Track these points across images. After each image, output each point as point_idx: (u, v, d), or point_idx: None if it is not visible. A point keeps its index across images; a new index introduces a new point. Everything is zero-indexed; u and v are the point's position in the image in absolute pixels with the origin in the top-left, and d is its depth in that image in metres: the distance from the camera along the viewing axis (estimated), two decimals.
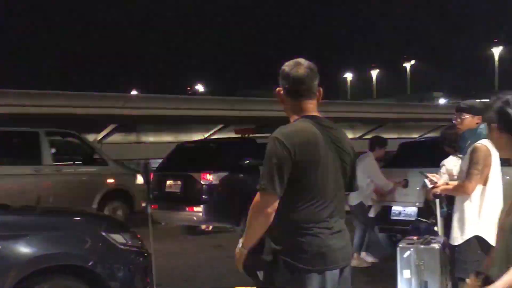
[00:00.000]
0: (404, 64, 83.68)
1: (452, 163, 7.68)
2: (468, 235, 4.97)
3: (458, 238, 5.08)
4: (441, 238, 5.66)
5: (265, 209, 3.07)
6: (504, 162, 7.47)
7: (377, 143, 9.45)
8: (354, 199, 8.88)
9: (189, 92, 77.92)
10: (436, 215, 6.05)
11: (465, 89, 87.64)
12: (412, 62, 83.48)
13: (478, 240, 4.93)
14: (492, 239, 4.93)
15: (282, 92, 3.33)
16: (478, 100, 5.98)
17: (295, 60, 3.34)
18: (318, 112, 3.32)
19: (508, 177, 9.30)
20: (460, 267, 5.12)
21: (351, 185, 3.37)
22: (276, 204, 3.08)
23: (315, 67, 3.33)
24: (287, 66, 3.32)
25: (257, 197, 3.12)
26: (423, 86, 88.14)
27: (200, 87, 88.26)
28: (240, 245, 3.29)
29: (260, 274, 3.27)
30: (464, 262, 5.03)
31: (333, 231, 3.16)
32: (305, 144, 3.11)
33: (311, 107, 3.29)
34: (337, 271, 3.16)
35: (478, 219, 4.95)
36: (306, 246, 3.08)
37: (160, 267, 6.91)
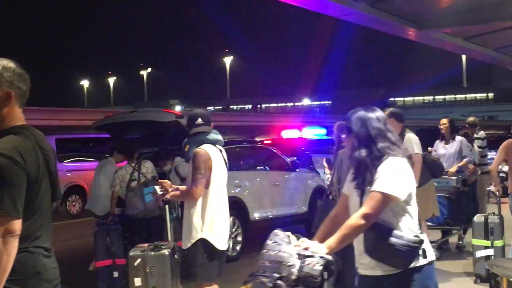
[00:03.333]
0: (141, 72, 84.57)
1: (125, 171, 7.76)
2: (194, 238, 5.10)
3: (186, 242, 5.19)
4: (171, 244, 5.74)
5: (13, 236, 2.70)
6: (234, 166, 7.81)
7: (117, 147, 8.64)
8: (103, 209, 8.27)
9: None
10: (166, 221, 6.13)
11: (200, 96, 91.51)
12: (149, 70, 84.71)
13: (203, 243, 5.08)
14: (216, 242, 5.12)
15: (13, 95, 2.89)
16: (210, 109, 6.18)
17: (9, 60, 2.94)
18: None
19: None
20: (188, 271, 5.24)
21: (55, 195, 3.09)
22: (21, 227, 2.76)
23: None
24: (17, 66, 2.91)
25: None
26: (160, 93, 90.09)
27: None
28: None
29: None
30: (192, 266, 5.17)
31: (47, 249, 2.97)
32: (29, 158, 2.85)
33: (21, 115, 2.99)
34: None
35: (202, 222, 5.10)
36: (21, 267, 2.83)
37: None
